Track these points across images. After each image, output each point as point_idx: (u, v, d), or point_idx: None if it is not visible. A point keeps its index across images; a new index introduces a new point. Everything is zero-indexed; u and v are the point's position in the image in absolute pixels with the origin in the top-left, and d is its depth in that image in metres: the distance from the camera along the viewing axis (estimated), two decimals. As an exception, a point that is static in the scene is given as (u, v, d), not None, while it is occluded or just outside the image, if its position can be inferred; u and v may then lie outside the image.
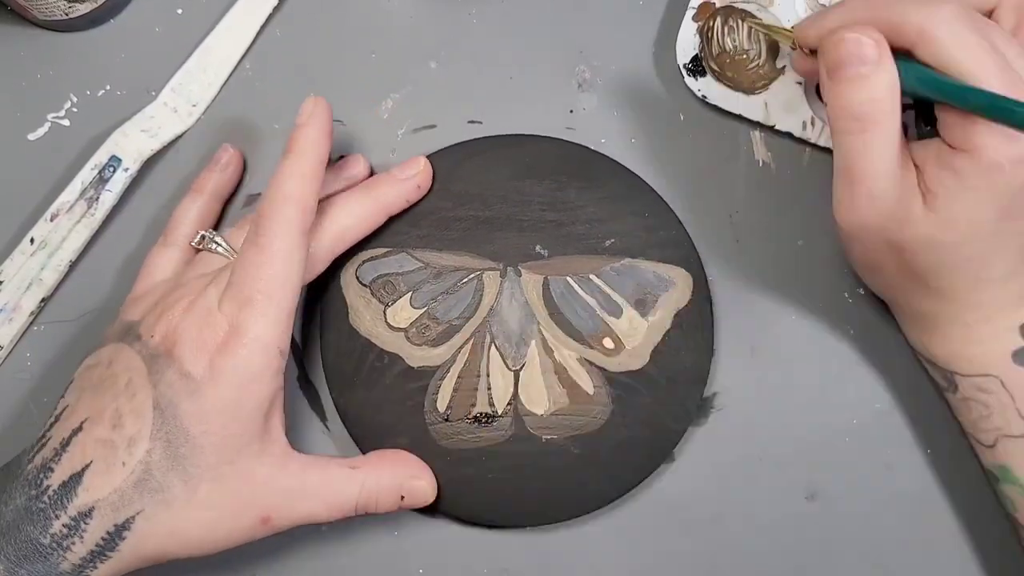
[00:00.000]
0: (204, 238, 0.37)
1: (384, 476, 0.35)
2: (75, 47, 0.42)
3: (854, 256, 0.35)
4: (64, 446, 0.32)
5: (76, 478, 0.31)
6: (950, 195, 0.31)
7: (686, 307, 0.38)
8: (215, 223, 0.40)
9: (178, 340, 0.32)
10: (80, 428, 0.32)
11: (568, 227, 0.39)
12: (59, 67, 0.42)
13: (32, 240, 0.39)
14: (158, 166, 0.41)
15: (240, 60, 0.42)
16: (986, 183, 0.30)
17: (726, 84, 0.41)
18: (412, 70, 0.42)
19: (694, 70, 0.41)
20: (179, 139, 0.41)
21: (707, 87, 0.41)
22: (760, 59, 0.41)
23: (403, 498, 0.36)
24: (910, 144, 0.33)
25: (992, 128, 0.30)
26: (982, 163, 0.30)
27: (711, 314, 0.38)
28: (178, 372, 0.32)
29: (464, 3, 0.42)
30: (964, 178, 0.30)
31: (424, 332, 0.38)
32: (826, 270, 0.40)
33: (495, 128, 0.41)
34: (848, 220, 0.33)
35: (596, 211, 0.39)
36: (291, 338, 0.39)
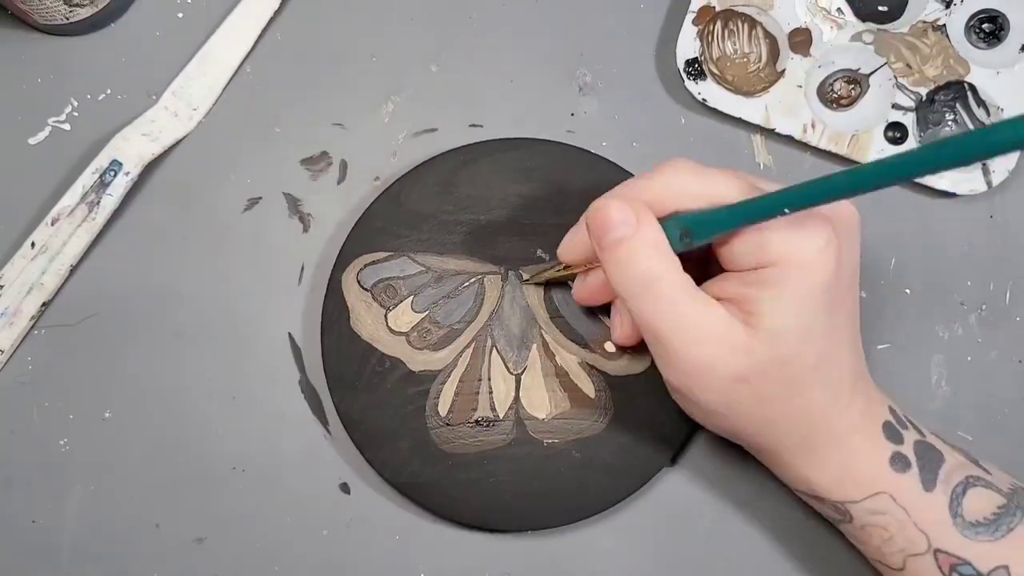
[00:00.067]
0: None
1: None
2: (76, 51, 0.42)
3: (704, 411, 0.33)
4: None
5: None
6: (771, 308, 0.30)
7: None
8: None
9: None
10: None
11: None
12: (60, 71, 0.42)
13: (33, 244, 0.39)
14: (159, 170, 0.41)
15: (241, 64, 0.42)
16: (801, 282, 0.30)
17: (726, 87, 0.41)
18: (413, 73, 0.42)
19: (694, 73, 0.41)
20: (180, 143, 0.41)
21: (707, 90, 0.41)
22: (760, 62, 0.41)
23: None
24: (704, 285, 0.32)
25: (784, 233, 0.30)
26: (792, 268, 0.30)
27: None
28: None
29: (464, 6, 0.42)
30: (779, 286, 0.30)
31: (425, 336, 0.38)
32: (827, 273, 0.39)
33: (496, 131, 0.41)
34: (679, 377, 0.32)
35: (597, 214, 0.39)
36: (292, 342, 0.40)
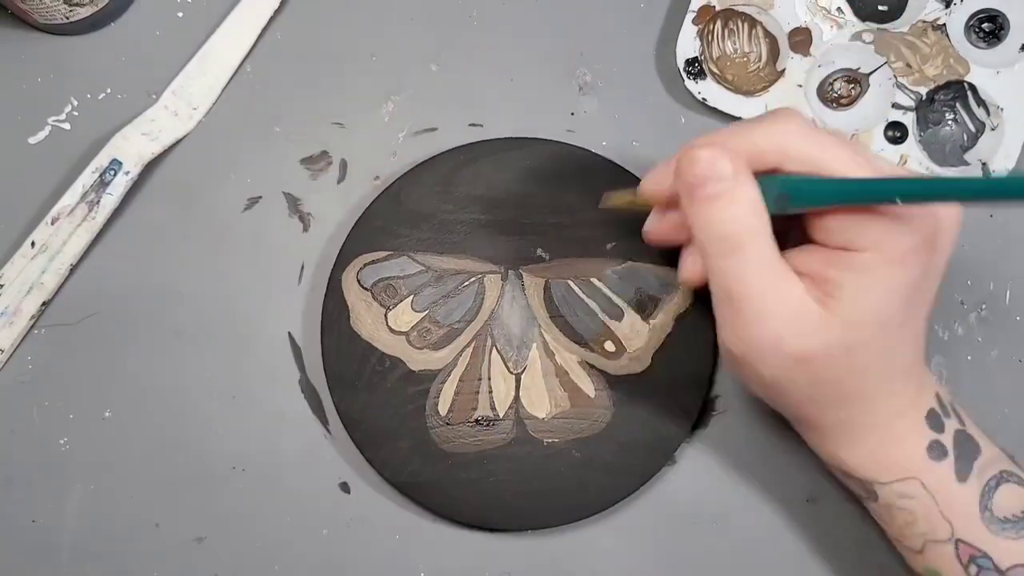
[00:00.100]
0: None
1: None
2: (76, 51, 0.42)
3: (756, 381, 0.32)
4: None
5: None
6: (854, 295, 0.30)
7: (687, 310, 0.38)
8: None
9: None
10: None
11: (569, 230, 0.39)
12: (60, 70, 0.42)
13: (33, 244, 0.39)
14: (159, 169, 0.41)
15: (241, 63, 0.42)
16: (890, 276, 0.30)
17: (726, 87, 0.41)
18: (413, 73, 0.42)
19: (694, 73, 0.41)
20: (180, 142, 0.41)
21: (707, 90, 0.41)
22: (760, 61, 0.41)
23: None
24: (793, 254, 0.31)
25: (886, 222, 0.29)
26: (884, 258, 0.29)
27: (712, 317, 0.38)
28: None
29: (464, 6, 0.42)
30: (868, 275, 0.30)
31: (425, 336, 0.38)
32: (827, 273, 0.39)
33: (496, 131, 0.41)
34: (740, 345, 0.31)
35: (597, 214, 0.39)
36: (292, 341, 0.40)
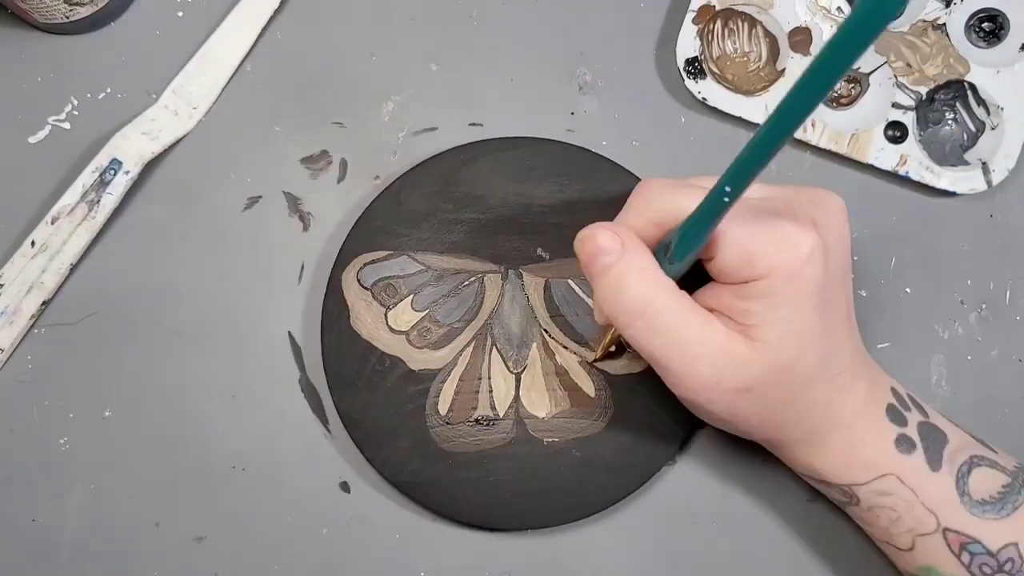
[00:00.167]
0: None
1: None
2: (76, 50, 0.42)
3: (713, 418, 0.34)
4: None
5: None
6: (768, 321, 0.31)
7: (687, 309, 0.38)
8: None
9: None
10: None
11: (569, 229, 0.39)
12: (60, 70, 0.42)
13: (33, 243, 0.39)
14: (159, 169, 0.41)
15: (241, 62, 0.42)
16: (795, 293, 0.30)
17: (726, 86, 0.41)
18: (413, 72, 0.42)
19: (694, 72, 0.41)
20: (180, 142, 0.41)
21: (707, 89, 0.41)
22: (760, 61, 0.41)
23: None
24: (702, 293, 0.33)
25: (769, 247, 0.30)
26: (781, 279, 0.30)
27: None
28: None
29: (464, 6, 0.42)
30: (773, 300, 0.30)
31: (425, 335, 0.38)
32: (827, 272, 0.39)
33: (496, 130, 0.41)
34: (685, 394, 0.32)
35: (597, 213, 0.39)
36: (292, 341, 0.40)
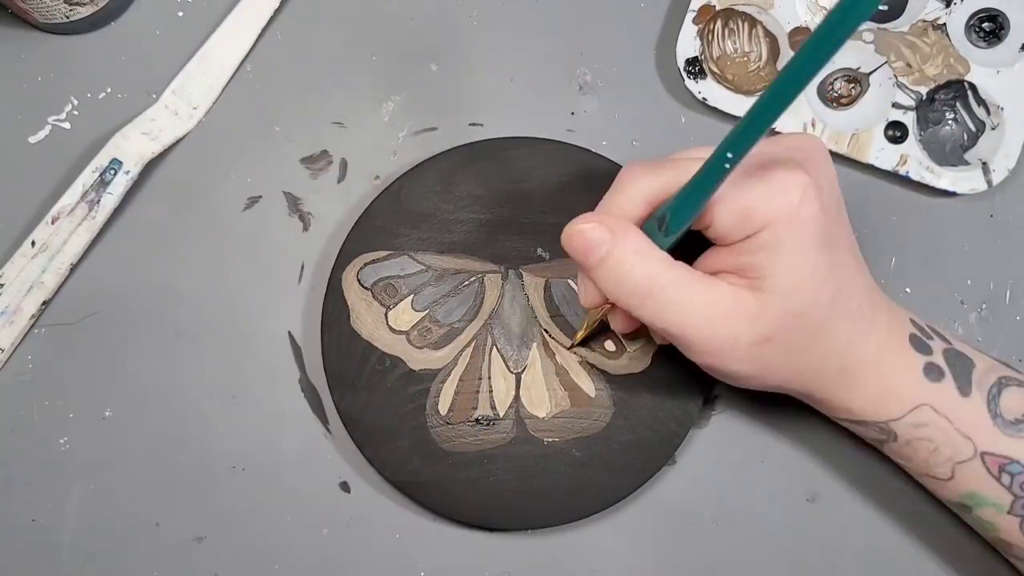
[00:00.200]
0: None
1: None
2: (76, 50, 0.42)
3: (742, 379, 0.33)
4: None
5: None
6: (775, 270, 0.31)
7: (687, 309, 0.38)
8: None
9: None
10: None
11: (569, 229, 0.39)
12: (60, 70, 0.42)
13: (33, 243, 0.39)
14: (159, 169, 0.41)
15: (241, 63, 0.42)
16: (797, 236, 0.30)
17: (727, 86, 0.41)
18: (413, 73, 0.42)
19: (695, 72, 0.41)
20: (180, 142, 0.41)
21: (708, 89, 0.41)
22: (761, 61, 0.41)
23: None
24: (705, 258, 0.33)
25: (762, 197, 0.30)
26: (780, 225, 0.30)
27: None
28: None
29: (464, 6, 0.42)
30: (777, 248, 0.30)
31: (425, 335, 0.38)
32: (827, 272, 0.39)
33: (496, 131, 0.41)
34: (707, 359, 0.32)
35: (597, 213, 0.39)
36: (292, 340, 0.40)
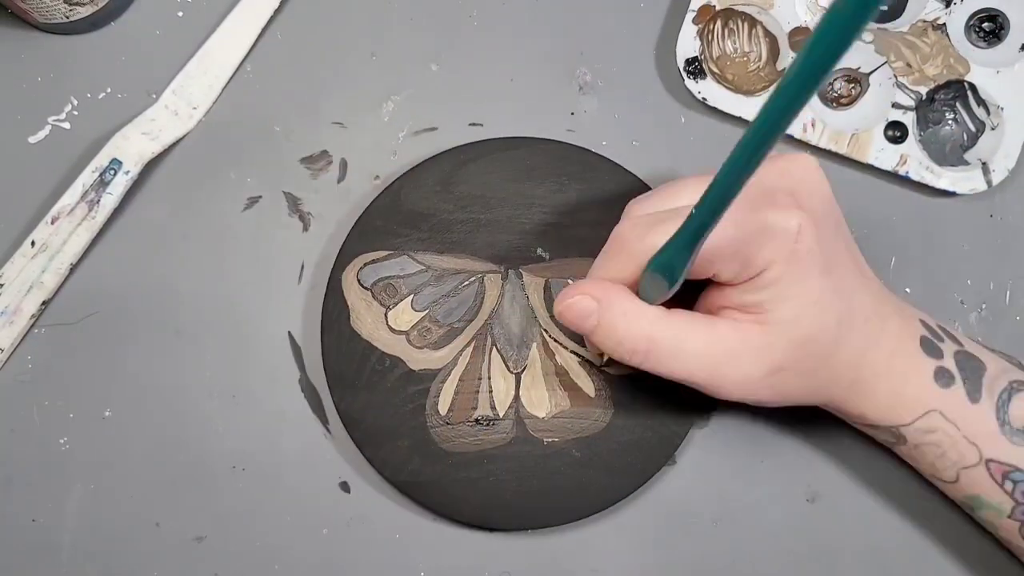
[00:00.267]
0: None
1: None
2: (76, 50, 0.42)
3: (768, 404, 0.34)
4: None
5: None
6: (778, 305, 0.31)
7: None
8: None
9: None
10: None
11: (569, 229, 0.39)
12: (60, 70, 0.42)
13: (33, 243, 0.39)
14: (159, 169, 0.41)
15: (241, 63, 0.42)
16: (796, 271, 0.31)
17: (727, 86, 0.41)
18: (413, 72, 0.42)
19: (694, 72, 0.41)
20: (180, 142, 0.41)
21: (707, 89, 0.41)
22: (760, 61, 0.41)
23: None
24: (706, 297, 0.33)
25: (758, 243, 0.30)
26: (780, 264, 0.30)
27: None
28: None
29: (464, 6, 0.42)
30: (779, 284, 0.31)
31: (425, 335, 0.38)
32: (827, 272, 0.39)
33: (496, 130, 0.41)
34: (730, 398, 0.33)
35: (597, 213, 0.39)
36: (292, 340, 0.40)
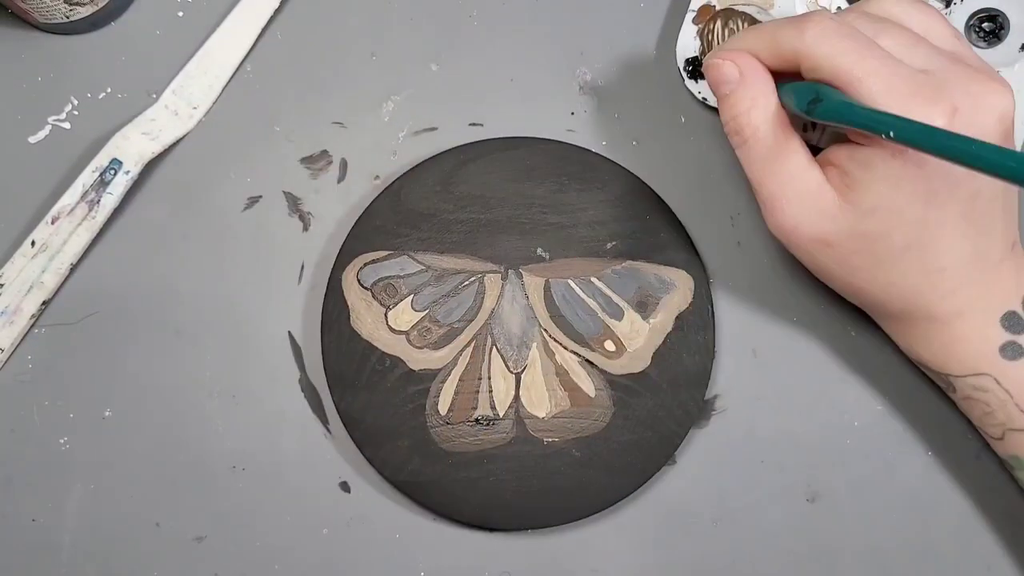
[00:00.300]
0: None
1: None
2: (76, 50, 0.42)
3: (804, 263, 0.34)
4: None
5: None
6: (864, 187, 0.31)
7: (687, 309, 0.38)
8: None
9: None
10: None
11: (569, 229, 0.39)
12: (60, 70, 0.42)
13: (33, 243, 0.39)
14: (159, 169, 0.41)
15: (241, 62, 0.42)
16: (891, 168, 0.31)
17: (727, 86, 0.41)
18: (413, 72, 0.42)
19: (695, 72, 0.41)
20: (180, 142, 0.41)
21: (708, 89, 0.41)
22: (761, 61, 0.41)
23: None
24: (829, 147, 0.34)
25: (917, 94, 0.30)
26: (887, 152, 0.30)
27: (712, 316, 0.38)
28: None
29: (464, 6, 0.42)
30: (874, 169, 0.31)
31: (425, 335, 0.38)
32: (827, 272, 0.39)
33: (496, 130, 0.41)
34: (773, 230, 0.34)
35: (597, 213, 0.39)
36: (292, 340, 0.40)
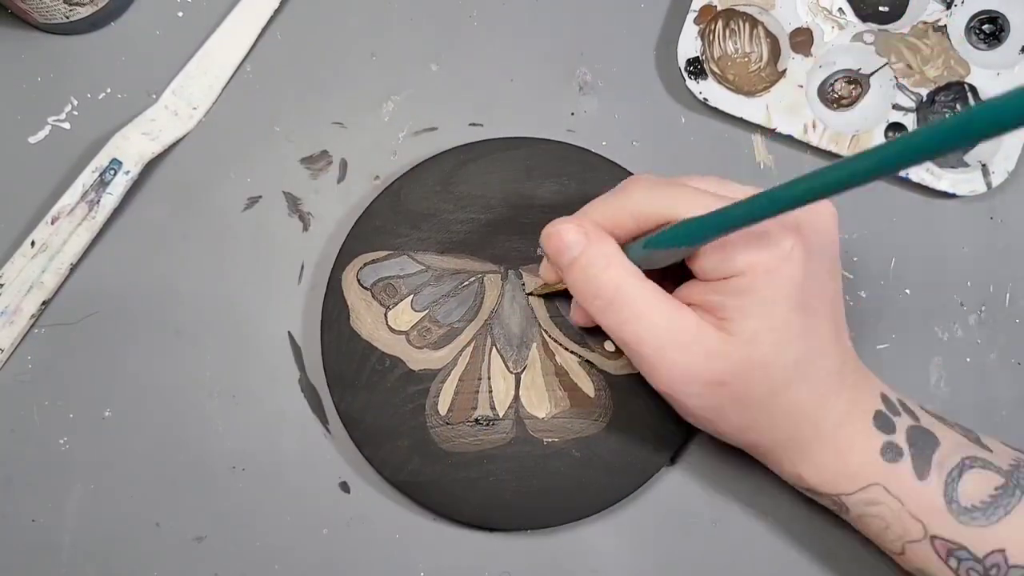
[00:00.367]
0: None
1: None
2: (76, 50, 0.42)
3: (692, 415, 0.34)
4: None
5: None
6: (743, 315, 0.31)
7: (687, 310, 0.38)
8: None
9: None
10: None
11: (569, 230, 0.39)
12: (60, 70, 0.42)
13: (33, 243, 0.39)
14: (159, 169, 0.41)
15: (241, 63, 0.42)
16: (772, 290, 0.31)
17: (727, 87, 0.41)
18: (413, 72, 0.42)
19: (695, 72, 0.41)
20: (180, 142, 0.41)
21: (708, 89, 0.41)
22: (761, 62, 0.41)
23: None
24: (679, 288, 0.33)
25: (747, 246, 0.30)
26: (758, 276, 0.30)
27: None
28: None
29: (464, 6, 0.42)
30: (749, 295, 0.31)
31: (425, 335, 0.38)
32: (827, 273, 0.39)
33: (496, 130, 0.41)
34: (661, 385, 0.32)
35: (597, 214, 0.39)
36: (292, 340, 0.40)
